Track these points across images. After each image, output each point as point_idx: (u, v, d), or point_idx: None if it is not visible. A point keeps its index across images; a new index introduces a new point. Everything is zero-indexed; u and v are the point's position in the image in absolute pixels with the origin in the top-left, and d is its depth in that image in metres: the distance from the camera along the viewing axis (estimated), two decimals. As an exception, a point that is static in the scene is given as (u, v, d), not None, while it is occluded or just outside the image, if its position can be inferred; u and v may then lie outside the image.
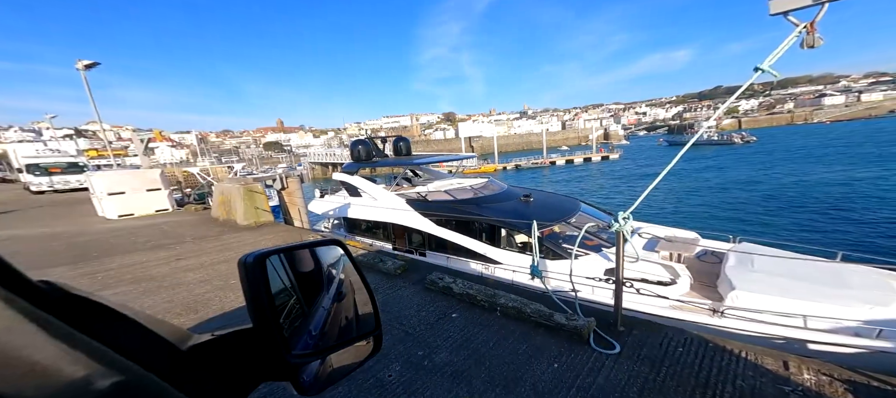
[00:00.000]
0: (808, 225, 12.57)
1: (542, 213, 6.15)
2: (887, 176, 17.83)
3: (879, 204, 13.69)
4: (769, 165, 26.55)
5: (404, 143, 10.05)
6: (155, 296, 4.36)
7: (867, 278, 3.97)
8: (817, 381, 2.04)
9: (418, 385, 2.45)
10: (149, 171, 11.86)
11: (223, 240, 7.13)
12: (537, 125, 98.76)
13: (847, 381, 1.98)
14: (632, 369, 2.37)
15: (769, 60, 2.20)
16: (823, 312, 3.46)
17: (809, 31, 2.11)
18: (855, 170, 20.69)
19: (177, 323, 0.44)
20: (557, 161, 40.77)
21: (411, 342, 3.01)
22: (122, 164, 23.12)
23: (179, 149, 67.16)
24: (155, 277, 5.03)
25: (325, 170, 49.31)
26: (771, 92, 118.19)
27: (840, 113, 79.32)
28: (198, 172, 19.51)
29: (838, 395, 1.91)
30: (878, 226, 11.45)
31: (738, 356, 2.36)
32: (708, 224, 13.53)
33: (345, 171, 9.16)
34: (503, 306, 3.30)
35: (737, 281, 4.05)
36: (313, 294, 0.69)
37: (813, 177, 20.39)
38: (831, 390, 1.95)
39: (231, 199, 9.04)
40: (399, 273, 4.62)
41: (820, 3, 2.02)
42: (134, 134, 15.10)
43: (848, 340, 3.20)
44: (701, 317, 3.87)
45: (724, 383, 2.13)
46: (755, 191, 18.91)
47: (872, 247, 9.87)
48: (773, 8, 2.19)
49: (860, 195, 15.38)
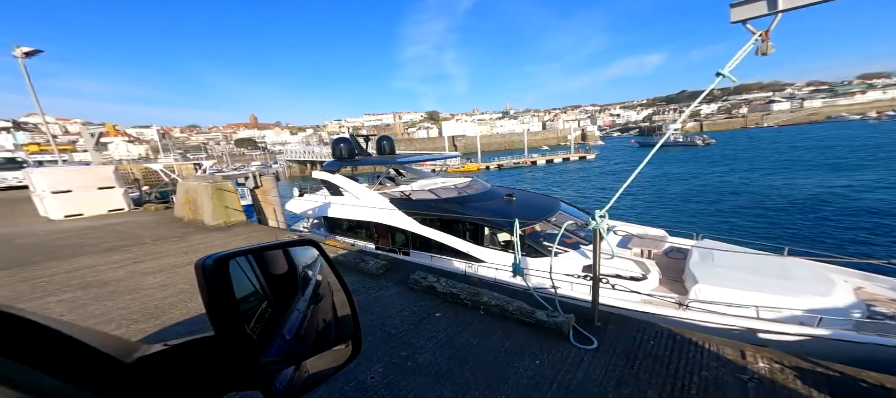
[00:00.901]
0: (760, 222, 13.77)
1: (524, 212, 6.28)
2: (829, 179, 19.91)
3: (820, 204, 15.26)
4: (726, 166, 28.78)
5: (388, 141, 9.90)
6: (107, 303, 4.02)
7: (810, 271, 4.36)
8: (770, 369, 2.23)
9: (401, 386, 2.42)
10: (100, 168, 10.89)
11: (188, 242, 6.70)
12: (519, 125, 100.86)
13: (795, 368, 2.18)
14: (608, 363, 2.47)
15: (729, 66, 2.38)
16: (773, 303, 3.78)
17: (764, 40, 2.30)
18: (799, 173, 22.93)
19: (135, 330, 0.40)
20: (538, 161, 41.83)
21: (394, 343, 2.97)
22: (70, 159, 21.04)
23: (138, 144, 62.17)
24: (108, 282, 4.65)
25: (303, 168, 47.54)
26: (728, 97, 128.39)
27: (786, 118, 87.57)
28: (160, 169, 18.16)
29: (789, 381, 2.10)
30: (822, 223, 12.76)
31: (702, 347, 2.53)
32: (674, 221, 14.46)
33: (326, 170, 8.88)
34: (486, 304, 3.33)
35: (699, 275, 4.34)
36: (287, 297, 0.66)
37: (764, 178, 22.36)
38: (783, 377, 2.14)
39: (198, 197, 8.49)
40: (381, 273, 4.55)
41: (774, 13, 2.21)
42: (83, 127, 13.69)
43: (794, 329, 3.52)
44: (668, 311, 4.12)
45: (690, 374, 2.28)
46: (713, 190, 20.45)
47: (814, 242, 10.97)
48: (733, 16, 2.36)
49: (804, 196, 17.06)
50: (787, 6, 2.18)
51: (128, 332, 3.33)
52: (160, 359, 0.44)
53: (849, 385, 2.00)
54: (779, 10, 2.19)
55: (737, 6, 2.37)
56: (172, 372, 0.44)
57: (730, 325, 3.73)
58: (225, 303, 0.50)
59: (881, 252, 10.02)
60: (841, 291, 3.90)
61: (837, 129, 58.32)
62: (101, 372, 0.37)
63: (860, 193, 16.55)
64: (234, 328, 0.50)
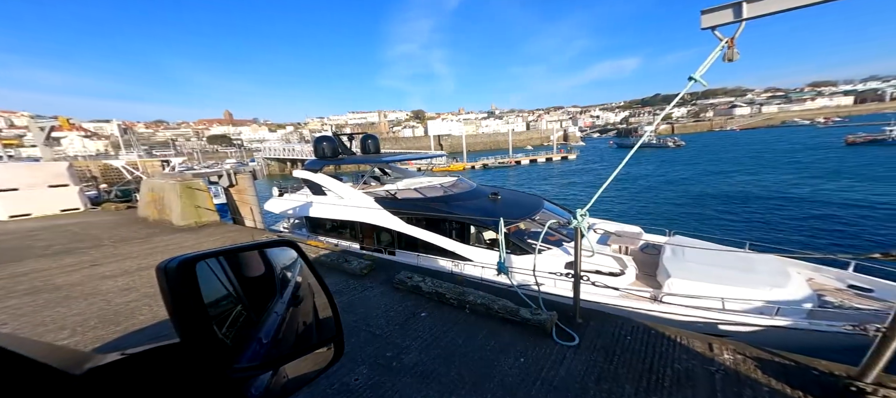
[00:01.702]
0: (725, 217, 14.77)
1: (509, 211, 6.38)
2: (786, 179, 21.65)
3: (777, 201, 16.57)
4: (695, 166, 30.65)
5: (373, 140, 9.73)
6: (59, 309, 3.72)
7: (768, 264, 4.71)
8: (734, 360, 2.38)
9: (387, 387, 2.39)
10: (52, 164, 10.00)
11: (153, 243, 6.29)
12: (504, 125, 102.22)
13: (756, 359, 2.35)
14: (589, 359, 2.55)
15: (700, 71, 2.52)
16: (737, 295, 4.06)
17: (730, 46, 2.45)
18: (758, 172, 24.81)
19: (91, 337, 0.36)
20: (522, 161, 42.61)
21: (379, 343, 2.92)
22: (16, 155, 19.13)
23: (96, 140, 57.50)
24: (61, 287, 4.30)
25: (282, 166, 45.87)
26: (697, 101, 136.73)
27: (746, 122, 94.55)
28: (122, 166, 16.89)
29: (751, 371, 2.26)
30: (782, 219, 13.86)
31: (674, 341, 2.67)
32: (650, 218, 15.22)
33: (307, 168, 8.61)
34: (472, 303, 3.35)
35: (672, 270, 4.58)
36: (264, 300, 0.63)
37: (728, 177, 24.01)
38: (745, 367, 2.29)
39: (165, 196, 7.98)
40: (365, 273, 4.46)
41: (739, 21, 2.36)
42: (32, 121, 12.41)
43: (755, 319, 3.79)
44: (644, 305, 4.32)
45: (664, 367, 2.40)
46: (684, 188, 21.74)
47: (771, 236, 11.90)
48: (703, 22, 2.51)
49: (762, 194, 18.47)
50: (751, 15, 2.34)
51: (83, 340, 3.08)
52: (116, 370, 0.40)
53: (803, 373, 2.17)
54: (743, 18, 2.35)
55: (707, 13, 2.51)
56: (130, 383, 0.41)
57: (699, 318, 3.96)
58: (191, 308, 0.47)
59: (824, 244, 11.03)
60: (796, 283, 4.23)
61: (791, 133, 63.45)
62: (41, 388, 0.33)
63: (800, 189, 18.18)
64: (202, 333, 0.47)
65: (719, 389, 2.13)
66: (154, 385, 0.43)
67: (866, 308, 3.94)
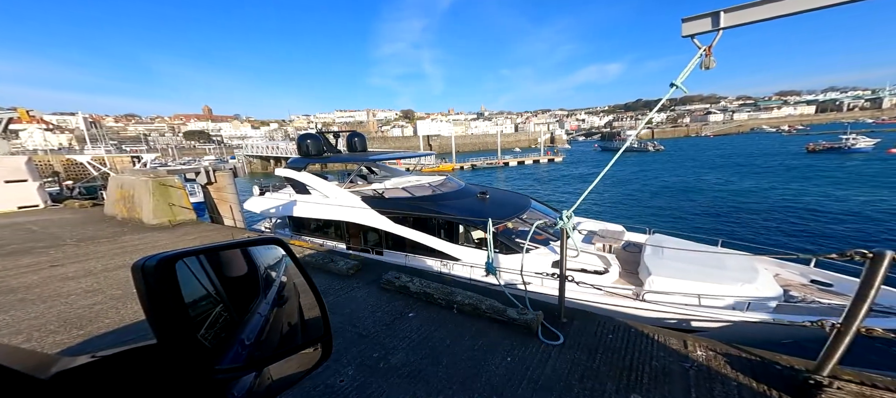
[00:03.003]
0: (701, 217, 15.54)
1: (498, 210, 6.45)
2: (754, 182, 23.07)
3: (745, 202, 17.61)
4: (673, 170, 32.09)
5: (359, 139, 9.59)
6: (14, 312, 3.47)
7: (739, 261, 4.97)
8: (707, 356, 2.51)
9: (373, 388, 2.36)
10: (8, 159, 9.31)
11: (121, 242, 5.96)
12: (493, 127, 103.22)
13: (725, 355, 2.49)
14: (573, 358, 2.62)
15: (680, 77, 2.64)
16: (712, 291, 4.26)
17: (707, 55, 2.59)
18: (729, 176, 26.28)
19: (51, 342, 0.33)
20: (510, 162, 43.16)
21: (366, 344, 2.88)
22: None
23: (59, 133, 53.71)
24: (16, 289, 4.01)
25: (265, 164, 44.44)
26: (675, 107, 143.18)
27: (719, 128, 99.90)
28: (87, 161, 15.85)
29: (721, 367, 2.39)
30: (751, 219, 14.71)
31: (652, 339, 2.78)
32: (632, 217, 15.78)
33: (290, 167, 8.37)
34: (460, 303, 3.36)
35: (652, 267, 4.76)
36: (247, 300, 0.62)
37: (703, 180, 25.30)
38: (716, 364, 2.42)
39: (135, 193, 7.57)
40: (352, 273, 4.39)
41: (717, 30, 2.50)
42: (-16, 112, 11.46)
43: (728, 315, 4.00)
44: (626, 302, 4.47)
45: (643, 364, 2.49)
46: (663, 189, 22.73)
47: (742, 235, 12.63)
48: (684, 30, 2.64)
49: (732, 196, 19.57)
50: (729, 24, 2.48)
51: (39, 346, 2.88)
52: (86, 373, 0.38)
53: (767, 367, 2.32)
54: (721, 27, 2.48)
55: (687, 21, 2.64)
56: (102, 387, 0.39)
57: (678, 314, 4.14)
58: (170, 309, 0.46)
59: (787, 242, 11.82)
60: (764, 279, 4.48)
61: (759, 139, 67.51)
62: (8, 392, 0.31)
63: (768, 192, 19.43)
64: (181, 335, 0.46)
65: (693, 385, 2.23)
66: (129, 388, 0.41)
67: (827, 302, 4.23)
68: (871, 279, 1.65)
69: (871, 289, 1.66)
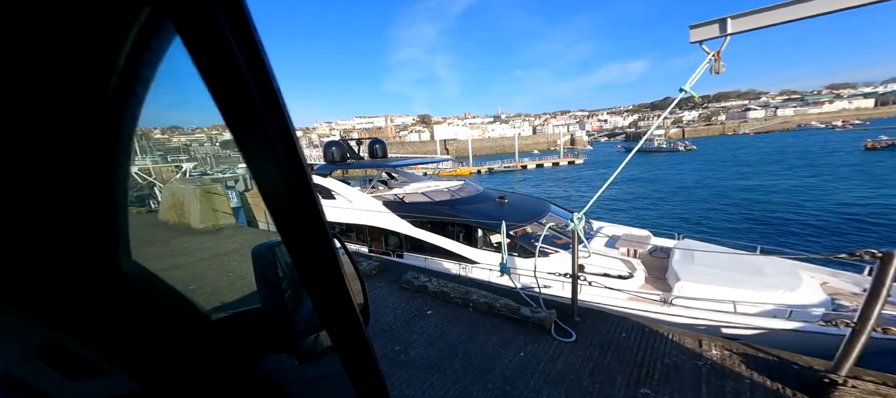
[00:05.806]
0: (734, 222, 14.57)
1: (515, 214, 6.54)
2: (799, 184, 21.22)
3: (789, 206, 16.25)
4: (706, 171, 30.16)
5: (380, 145, 10.03)
6: None
7: (779, 268, 4.67)
8: (721, 355, 2.52)
9: (395, 377, 2.59)
10: None
11: (173, 246, 6.63)
12: (510, 129, 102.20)
13: (741, 354, 2.48)
14: (585, 354, 2.71)
15: (689, 82, 2.68)
16: (747, 298, 4.02)
17: (716, 60, 2.62)
18: (771, 178, 24.32)
19: None
20: (528, 165, 42.52)
21: (387, 338, 3.13)
22: None
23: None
24: None
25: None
26: (708, 104, 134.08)
27: (760, 126, 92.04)
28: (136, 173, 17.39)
29: (736, 366, 2.39)
30: (788, 224, 13.61)
31: (666, 338, 2.81)
32: (658, 222, 15.10)
33: (317, 173, 8.94)
34: (475, 302, 3.54)
35: (682, 273, 4.61)
36: None
37: (739, 182, 23.60)
38: (731, 363, 2.43)
39: (185, 200, 8.41)
40: (375, 273, 4.70)
41: (725, 36, 2.54)
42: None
43: (768, 322, 3.74)
44: (654, 307, 4.36)
45: (655, 361, 2.55)
46: (694, 193, 21.46)
47: (786, 242, 11.70)
48: (692, 37, 2.69)
49: (774, 199, 18.12)
50: (736, 30, 2.51)
51: None
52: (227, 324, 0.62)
53: (783, 367, 2.30)
54: (728, 34, 2.52)
55: (695, 28, 2.70)
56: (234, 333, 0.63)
57: (710, 321, 3.98)
58: (272, 283, 0.68)
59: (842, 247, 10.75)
60: (807, 286, 4.18)
61: (807, 136, 61.68)
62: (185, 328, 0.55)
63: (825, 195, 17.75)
64: (278, 302, 0.67)
65: (704, 382, 2.27)
66: (247, 336, 0.64)
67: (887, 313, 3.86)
68: (883, 278, 1.66)
69: (884, 288, 1.67)
